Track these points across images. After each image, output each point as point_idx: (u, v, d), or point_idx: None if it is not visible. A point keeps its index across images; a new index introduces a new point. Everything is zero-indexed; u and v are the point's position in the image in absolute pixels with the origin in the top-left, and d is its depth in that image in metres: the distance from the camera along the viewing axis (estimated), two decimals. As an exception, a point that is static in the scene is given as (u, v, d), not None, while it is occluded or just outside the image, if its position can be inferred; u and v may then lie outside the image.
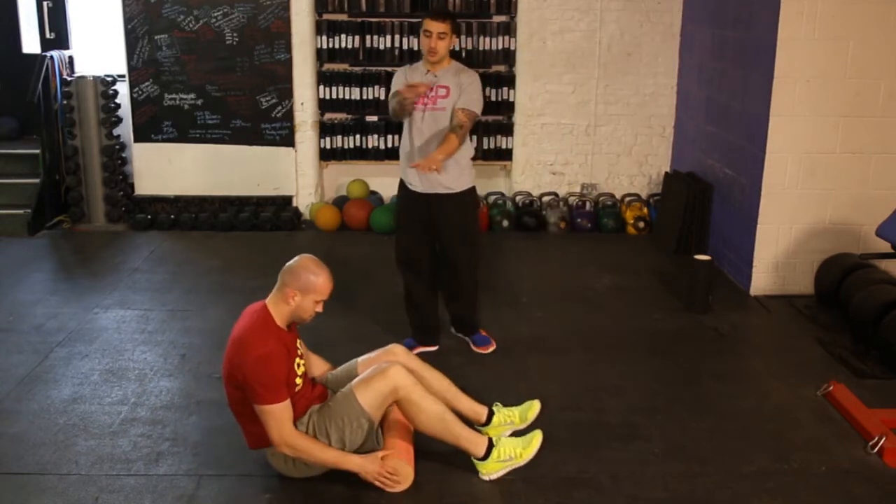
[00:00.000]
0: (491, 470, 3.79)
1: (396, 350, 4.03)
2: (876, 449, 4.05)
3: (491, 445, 3.79)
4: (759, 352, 5.36)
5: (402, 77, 4.93)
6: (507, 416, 4.09)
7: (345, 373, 4.00)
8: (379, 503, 3.66)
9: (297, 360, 3.70)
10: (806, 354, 5.24)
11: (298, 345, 3.79)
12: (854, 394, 4.52)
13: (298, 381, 3.68)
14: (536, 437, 3.89)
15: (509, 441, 3.86)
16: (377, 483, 3.64)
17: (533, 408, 4.07)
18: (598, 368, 4.99)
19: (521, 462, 3.82)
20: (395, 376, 3.73)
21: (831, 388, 4.61)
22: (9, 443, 4.09)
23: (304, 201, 8.16)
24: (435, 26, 4.73)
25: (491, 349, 5.18)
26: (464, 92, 4.79)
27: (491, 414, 4.04)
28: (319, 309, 3.69)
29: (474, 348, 5.20)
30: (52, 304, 5.92)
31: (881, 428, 4.13)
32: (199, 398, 4.54)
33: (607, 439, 4.17)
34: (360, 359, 4.04)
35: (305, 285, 3.59)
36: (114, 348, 5.21)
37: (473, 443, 3.79)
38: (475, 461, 3.80)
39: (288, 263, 3.68)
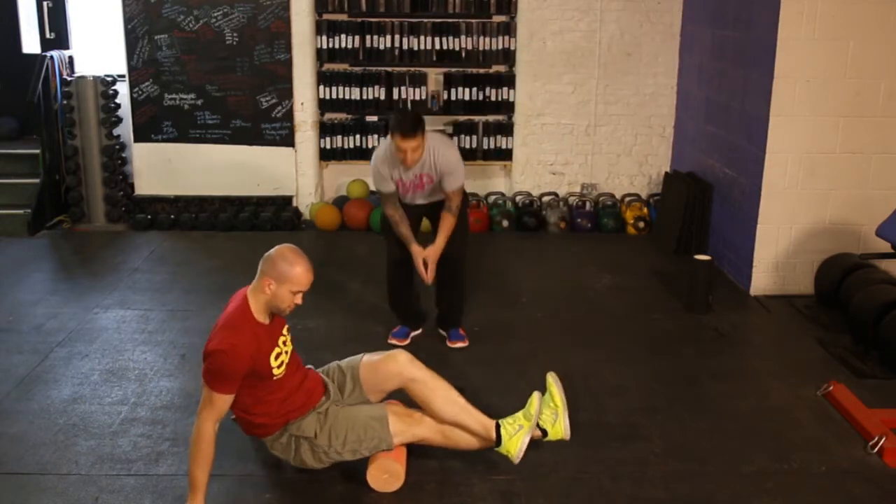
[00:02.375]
0: (512, 448, 3.74)
1: (400, 358, 3.91)
2: (876, 449, 4.05)
3: (498, 427, 3.78)
4: (759, 352, 5.36)
5: (385, 170, 4.96)
6: (514, 423, 3.87)
7: (348, 368, 3.97)
8: (379, 502, 3.66)
9: (278, 349, 3.66)
10: (806, 354, 5.24)
11: (284, 332, 3.75)
12: (854, 394, 4.52)
13: (277, 372, 3.64)
14: (533, 398, 3.87)
15: (512, 417, 3.84)
16: None
17: (533, 402, 3.94)
18: (599, 368, 4.99)
19: (534, 422, 3.79)
20: (429, 422, 3.78)
21: (831, 388, 4.61)
22: (9, 443, 4.09)
23: (304, 201, 8.16)
24: (408, 144, 4.73)
25: (462, 345, 5.26)
26: (446, 175, 4.91)
27: (498, 429, 3.83)
28: (298, 301, 3.61)
29: (448, 342, 5.28)
30: (52, 304, 5.92)
31: (881, 428, 4.13)
32: (199, 398, 4.48)
33: (607, 439, 4.17)
34: (364, 359, 3.98)
35: (281, 274, 3.53)
36: (114, 348, 5.21)
37: (486, 427, 3.78)
38: (498, 451, 3.78)
39: (267, 252, 3.64)
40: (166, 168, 8.04)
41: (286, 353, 3.73)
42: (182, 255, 7.16)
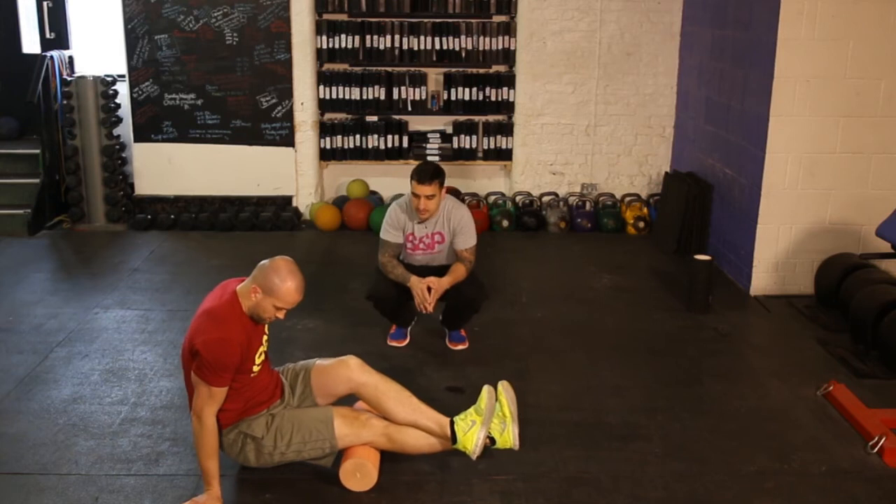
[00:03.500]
0: (468, 444, 3.71)
1: (351, 363, 3.90)
2: (876, 449, 4.05)
3: (452, 424, 3.76)
4: (759, 352, 5.36)
5: (400, 218, 5.04)
6: (466, 419, 3.81)
7: (301, 370, 3.96)
8: (379, 503, 3.66)
9: (260, 349, 3.67)
10: (806, 354, 5.24)
11: (266, 330, 3.74)
12: (854, 394, 4.52)
13: (255, 368, 3.65)
14: (483, 392, 3.84)
15: (464, 413, 3.82)
16: None
17: (483, 396, 3.86)
18: (599, 368, 4.99)
19: (486, 417, 3.74)
20: (375, 425, 3.76)
21: (831, 388, 4.61)
22: (9, 443, 4.09)
23: (304, 201, 8.16)
24: (423, 190, 4.84)
25: (463, 346, 5.24)
26: (459, 234, 5.04)
27: (453, 426, 3.79)
28: (280, 315, 3.59)
29: (448, 343, 5.28)
30: (52, 304, 5.92)
31: (881, 428, 4.13)
32: (199, 398, 4.53)
33: (607, 439, 4.17)
34: (317, 363, 3.97)
35: (269, 286, 3.51)
36: (114, 348, 5.21)
37: (441, 425, 3.76)
38: (456, 448, 3.75)
39: (265, 260, 3.63)
40: (166, 168, 8.04)
41: (265, 352, 3.75)
42: (182, 255, 7.16)
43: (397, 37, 7.86)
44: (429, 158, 7.83)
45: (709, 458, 4.04)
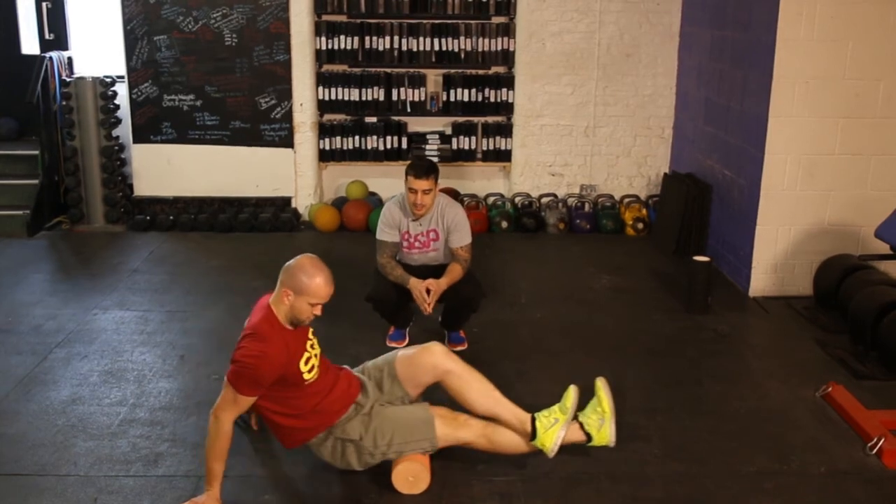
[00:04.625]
0: (547, 442, 3.73)
1: (436, 350, 3.91)
2: (875, 450, 4.05)
3: (534, 420, 3.78)
4: (758, 353, 5.36)
5: (395, 216, 5.10)
6: (550, 416, 3.83)
7: (384, 364, 3.97)
8: (378, 503, 3.66)
9: (307, 353, 3.67)
10: (805, 355, 5.24)
11: (310, 336, 3.76)
12: (853, 395, 4.52)
13: (308, 376, 3.65)
14: (569, 391, 3.85)
15: (548, 410, 3.82)
16: None
17: (569, 395, 3.89)
18: (598, 369, 4.96)
19: (569, 416, 3.77)
20: (474, 426, 3.78)
21: (830, 389, 4.61)
22: (8, 444, 4.09)
23: (304, 202, 8.16)
24: (420, 184, 4.92)
25: (462, 347, 5.24)
26: (454, 231, 5.09)
27: (534, 421, 3.81)
28: (317, 312, 3.62)
29: (447, 344, 5.25)
30: (51, 304, 5.92)
31: (880, 429, 4.13)
32: (197, 399, 4.54)
33: (606, 440, 4.17)
34: (400, 353, 3.97)
35: (299, 286, 3.54)
36: (113, 349, 5.21)
37: (521, 420, 3.78)
38: (533, 444, 3.76)
39: (288, 262, 3.65)
40: (165, 169, 8.04)
41: (315, 356, 3.74)
42: (181, 255, 7.16)
43: (396, 38, 7.87)
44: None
45: (708, 459, 4.04)
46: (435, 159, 7.82)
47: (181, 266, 6.87)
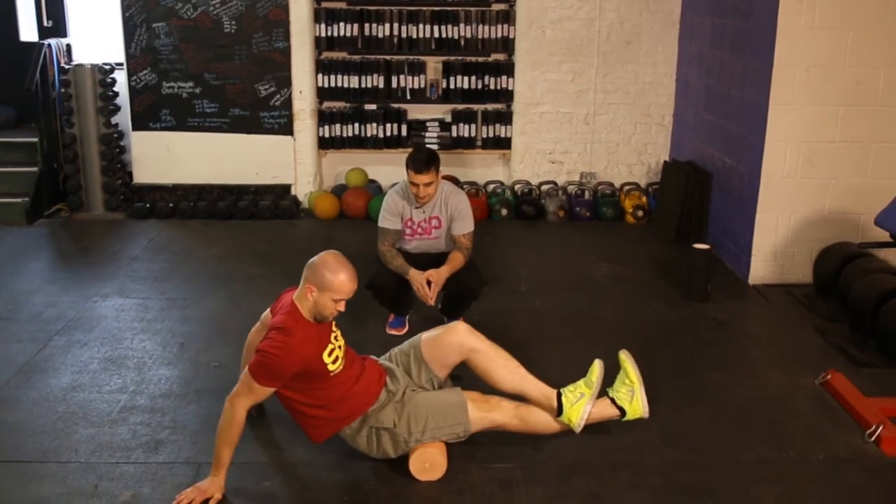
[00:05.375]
0: (574, 416, 3.76)
1: (460, 328, 3.93)
2: (873, 437, 4.06)
3: (559, 395, 3.80)
4: (757, 341, 5.37)
5: (397, 204, 5.08)
6: (575, 391, 3.85)
7: (410, 349, 3.98)
8: (378, 491, 3.67)
9: (331, 345, 3.68)
10: (804, 343, 5.25)
11: (334, 328, 3.76)
12: (852, 382, 4.53)
13: (333, 367, 3.65)
14: (595, 365, 3.88)
15: (573, 385, 3.85)
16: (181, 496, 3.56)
17: (595, 369, 3.91)
18: (597, 357, 4.97)
19: (595, 390, 3.80)
20: (506, 407, 3.80)
21: (829, 376, 4.62)
22: (8, 431, 4.10)
23: (303, 190, 8.15)
24: (421, 178, 4.90)
25: None
26: (457, 219, 5.08)
27: (560, 397, 3.83)
28: (341, 308, 3.63)
29: None
30: (51, 292, 5.92)
31: (879, 417, 4.14)
32: (197, 386, 4.55)
33: (605, 428, 4.16)
34: (424, 336, 3.98)
35: (322, 282, 3.56)
36: (113, 337, 5.21)
37: (547, 396, 3.81)
38: (560, 420, 3.80)
39: (312, 258, 3.66)
40: (165, 156, 8.02)
41: (339, 347, 3.75)
42: (181, 243, 7.15)
43: (396, 25, 7.84)
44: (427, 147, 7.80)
45: (707, 447, 4.05)
46: (434, 147, 7.81)
47: (181, 254, 6.87)
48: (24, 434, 4.07)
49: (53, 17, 7.93)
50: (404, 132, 8.09)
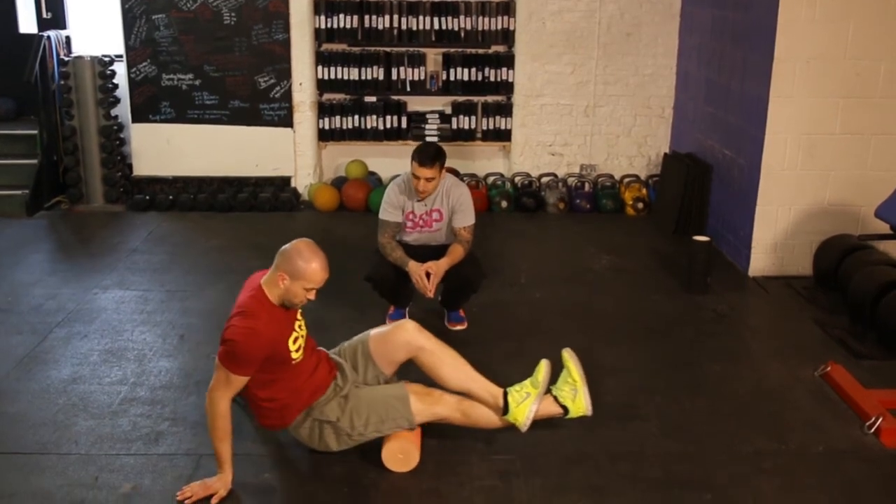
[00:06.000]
0: (519, 416, 3.76)
1: (408, 327, 3.94)
2: (873, 429, 4.07)
3: (506, 394, 3.80)
4: (757, 333, 5.37)
5: (399, 197, 5.06)
6: (521, 391, 3.86)
7: (358, 344, 3.98)
8: (378, 483, 3.68)
9: (295, 333, 3.67)
10: (804, 335, 5.25)
11: (299, 317, 3.75)
12: (852, 374, 4.53)
13: (295, 355, 3.65)
14: (541, 365, 3.89)
15: (519, 384, 3.85)
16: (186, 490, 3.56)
17: (541, 369, 3.91)
18: (597, 349, 4.99)
19: (541, 390, 3.81)
20: (448, 401, 3.80)
21: (829, 368, 4.62)
22: (9, 423, 4.10)
23: (303, 182, 8.14)
24: (423, 172, 4.89)
25: (461, 327, 5.27)
26: (458, 211, 5.06)
27: (506, 396, 3.83)
28: (311, 297, 3.60)
29: (447, 323, 5.29)
30: (51, 284, 5.92)
31: (878, 408, 4.15)
32: (197, 378, 4.55)
33: (605, 420, 4.18)
34: (373, 332, 3.99)
35: (295, 270, 3.52)
36: (113, 329, 5.21)
37: (494, 395, 3.81)
38: (506, 419, 3.79)
39: (285, 245, 3.65)
40: (164, 149, 8.02)
41: (302, 336, 3.74)
42: (180, 235, 7.15)
43: (396, 16, 7.82)
44: (427, 139, 7.79)
45: (707, 439, 4.06)
46: (435, 139, 7.81)
47: (181, 246, 6.87)
48: (25, 426, 4.08)
49: (53, 9, 7.90)
50: (404, 124, 8.09)
